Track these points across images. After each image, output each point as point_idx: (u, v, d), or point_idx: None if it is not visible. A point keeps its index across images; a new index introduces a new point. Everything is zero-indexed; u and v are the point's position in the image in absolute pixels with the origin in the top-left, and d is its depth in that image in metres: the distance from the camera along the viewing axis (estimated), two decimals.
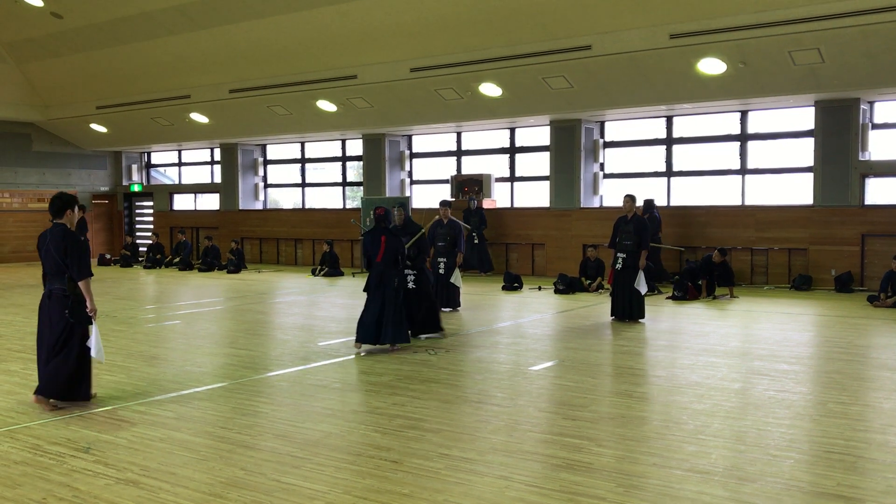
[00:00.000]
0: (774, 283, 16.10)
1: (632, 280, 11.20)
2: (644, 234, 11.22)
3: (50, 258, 6.46)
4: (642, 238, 11.20)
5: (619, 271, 11.36)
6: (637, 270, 11.20)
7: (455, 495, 4.59)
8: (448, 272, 12.36)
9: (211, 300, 14.59)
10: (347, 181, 23.16)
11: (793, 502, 4.47)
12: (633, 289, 11.18)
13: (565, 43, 15.22)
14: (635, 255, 11.25)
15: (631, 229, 11.26)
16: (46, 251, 6.49)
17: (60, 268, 6.46)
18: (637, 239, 11.20)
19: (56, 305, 6.50)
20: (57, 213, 6.59)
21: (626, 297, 11.26)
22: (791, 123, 16.50)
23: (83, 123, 24.59)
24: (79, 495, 4.65)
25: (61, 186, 25.86)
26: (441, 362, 8.61)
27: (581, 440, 5.65)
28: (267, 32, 18.10)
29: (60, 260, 6.42)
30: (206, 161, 26.29)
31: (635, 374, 7.92)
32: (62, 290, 6.48)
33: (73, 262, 6.43)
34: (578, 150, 18.20)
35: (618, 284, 11.40)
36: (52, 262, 6.46)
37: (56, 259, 6.43)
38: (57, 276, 6.49)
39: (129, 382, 7.63)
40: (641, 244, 11.21)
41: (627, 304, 11.27)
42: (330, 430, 5.96)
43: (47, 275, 6.57)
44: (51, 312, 6.52)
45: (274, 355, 9.03)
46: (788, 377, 7.68)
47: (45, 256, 6.51)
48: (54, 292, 6.50)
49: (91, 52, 21.25)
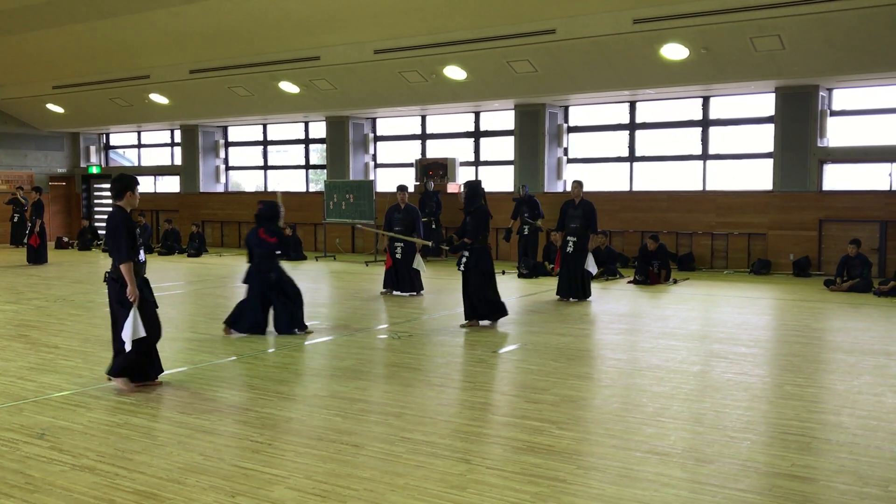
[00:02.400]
0: (734, 267, 16.32)
1: (581, 262, 11.58)
2: (592, 217, 11.68)
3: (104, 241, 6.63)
4: (590, 221, 11.67)
5: (568, 254, 11.77)
6: (586, 252, 11.64)
7: (416, 479, 4.58)
8: (406, 257, 12.33)
9: (171, 284, 14.40)
10: (311, 164, 22.96)
11: (749, 482, 4.53)
12: (584, 270, 11.67)
13: (530, 27, 15.20)
14: (584, 238, 11.69)
15: (579, 213, 11.74)
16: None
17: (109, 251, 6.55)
18: (585, 222, 11.69)
19: (109, 288, 6.55)
20: (117, 195, 6.62)
21: (577, 277, 11.71)
22: (752, 109, 16.70)
23: (39, 104, 24.03)
24: (32, 482, 4.56)
25: (17, 168, 25.31)
26: (404, 347, 8.59)
27: (542, 423, 5.68)
28: (228, 12, 17.78)
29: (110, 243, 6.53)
30: (166, 143, 25.87)
31: (596, 357, 7.98)
32: (110, 273, 6.53)
33: (111, 246, 6.50)
34: (543, 134, 18.23)
35: (566, 266, 11.83)
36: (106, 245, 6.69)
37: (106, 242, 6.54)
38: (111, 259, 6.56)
39: (85, 367, 7.50)
40: (590, 227, 11.68)
41: (578, 284, 11.74)
42: (291, 415, 5.91)
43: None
44: (109, 294, 6.60)
45: (234, 340, 8.93)
46: (747, 360, 7.79)
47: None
48: (108, 275, 6.57)
49: (47, 31, 20.69)
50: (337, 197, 19.32)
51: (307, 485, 4.50)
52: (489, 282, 9.68)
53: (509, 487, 4.45)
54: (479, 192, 9.84)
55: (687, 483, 4.52)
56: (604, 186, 18.30)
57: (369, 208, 18.66)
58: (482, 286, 9.61)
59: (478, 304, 9.64)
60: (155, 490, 4.42)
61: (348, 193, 19.15)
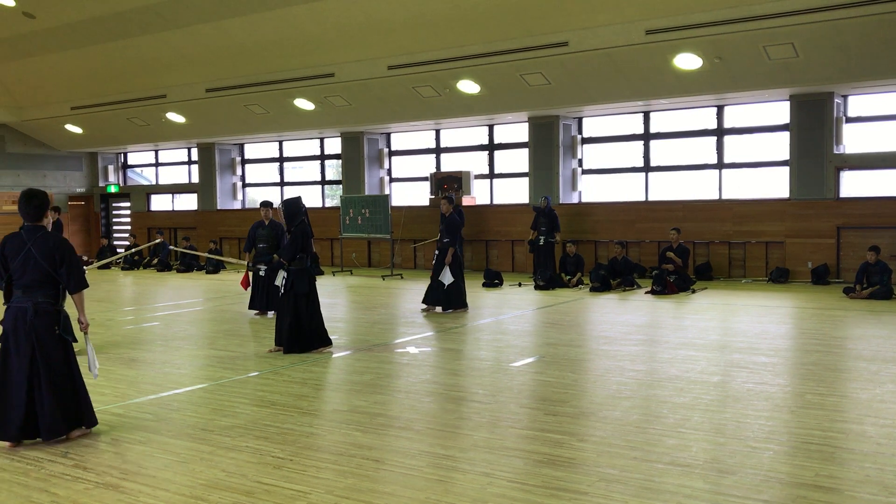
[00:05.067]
0: (752, 276, 16.24)
1: (438, 272, 12.07)
2: (452, 231, 12.12)
3: (35, 267, 5.63)
4: (452, 234, 12.10)
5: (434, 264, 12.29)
6: (443, 264, 12.01)
7: (437, 493, 4.59)
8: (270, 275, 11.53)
9: (190, 301, 14.50)
10: (326, 180, 23.08)
11: (772, 493, 4.51)
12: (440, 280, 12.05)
13: (542, 39, 15.25)
14: (444, 251, 12.09)
15: (442, 228, 12.22)
16: (26, 259, 5.64)
17: (48, 278, 5.67)
18: (450, 236, 12.10)
19: (44, 322, 5.65)
20: (37, 216, 5.77)
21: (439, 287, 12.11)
22: (766, 118, 16.65)
23: (58, 124, 24.32)
24: (57, 500, 4.60)
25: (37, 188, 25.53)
26: (422, 360, 8.60)
27: (562, 435, 5.67)
28: (243, 31, 17.97)
29: (51, 269, 5.65)
30: (183, 161, 26.09)
31: (615, 369, 7.96)
32: (49, 303, 5.68)
33: (72, 273, 5.69)
34: (557, 146, 18.25)
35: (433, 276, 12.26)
36: (38, 271, 5.63)
37: (44, 268, 5.63)
38: (42, 287, 5.66)
39: (107, 385, 7.56)
40: (451, 241, 12.09)
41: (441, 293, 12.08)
42: (311, 430, 5.94)
43: (25, 287, 5.65)
44: (37, 332, 5.63)
45: (253, 356, 8.97)
46: (767, 369, 7.75)
47: (24, 265, 5.65)
48: (41, 307, 5.64)
49: (65, 53, 21.00)
50: (353, 212, 19.42)
51: (329, 500, 4.52)
52: (306, 307, 8.94)
53: (531, 501, 4.44)
54: (299, 209, 9.11)
55: (709, 494, 4.50)
56: (619, 197, 18.30)
57: (385, 223, 18.72)
58: (297, 312, 8.90)
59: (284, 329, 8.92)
60: None
61: (364, 208, 19.23)
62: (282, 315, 9.05)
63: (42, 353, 5.63)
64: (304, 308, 8.97)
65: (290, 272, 8.99)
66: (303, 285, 8.95)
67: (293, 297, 8.96)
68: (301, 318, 8.95)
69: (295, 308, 8.94)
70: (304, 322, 8.97)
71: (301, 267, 9.00)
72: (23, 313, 5.63)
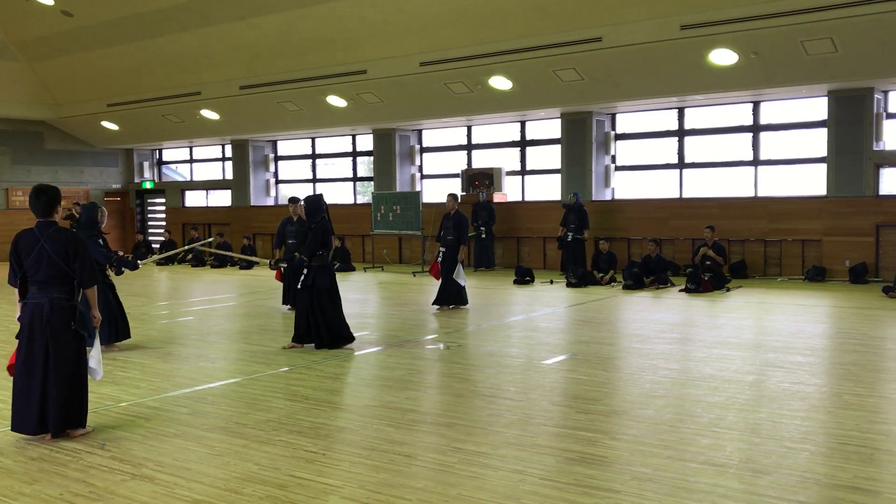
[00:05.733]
0: (788, 274, 16.02)
1: (451, 271, 12.00)
2: (463, 229, 12.17)
3: (48, 263, 5.64)
4: (461, 233, 12.15)
5: (440, 263, 12.23)
6: (455, 262, 12.02)
7: (469, 489, 4.59)
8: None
9: (224, 296, 14.65)
10: (358, 176, 23.17)
11: (809, 495, 4.44)
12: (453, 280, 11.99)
13: (575, 35, 15.17)
14: (455, 249, 12.11)
15: (450, 225, 12.29)
16: (39, 255, 5.63)
17: (63, 274, 5.67)
18: (457, 234, 12.14)
19: (60, 318, 5.67)
20: (47, 211, 5.72)
21: (450, 286, 12.07)
22: (804, 114, 16.41)
23: (94, 121, 24.69)
24: (95, 491, 4.67)
25: (73, 184, 26.01)
26: (453, 357, 8.61)
27: (595, 433, 5.64)
28: (276, 28, 18.11)
29: (64, 265, 5.66)
30: (217, 157, 26.36)
31: (648, 367, 7.89)
32: (65, 298, 5.69)
33: (85, 268, 5.71)
34: (590, 142, 18.14)
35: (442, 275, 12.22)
36: (52, 267, 5.63)
37: (58, 264, 5.63)
38: (57, 283, 5.66)
39: (143, 378, 7.66)
40: (460, 239, 12.13)
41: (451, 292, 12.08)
42: (343, 425, 5.97)
43: (41, 283, 5.65)
44: (53, 327, 5.65)
45: (287, 351, 9.04)
46: (803, 369, 7.64)
47: (37, 261, 5.64)
48: (56, 302, 5.65)
49: (101, 50, 21.33)
50: (384, 208, 19.48)
51: (361, 494, 4.53)
52: (330, 303, 8.99)
53: (563, 499, 4.42)
54: (321, 206, 9.17)
55: (744, 495, 4.44)
56: (653, 194, 18.15)
57: (416, 219, 18.75)
58: (322, 308, 8.95)
59: (315, 327, 8.98)
60: (213, 499, 4.50)
61: (395, 205, 19.29)
62: (301, 311, 9.10)
63: (55, 348, 5.65)
64: (328, 304, 9.01)
65: (311, 268, 9.00)
66: (324, 281, 8.97)
67: (315, 294, 9.01)
68: (327, 314, 8.99)
69: (319, 304, 8.97)
70: (332, 319, 9.01)
71: (322, 263, 9.02)
72: (39, 309, 5.66)
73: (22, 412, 5.69)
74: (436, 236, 12.81)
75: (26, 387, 5.68)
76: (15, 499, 4.57)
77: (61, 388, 5.67)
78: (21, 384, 5.71)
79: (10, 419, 5.76)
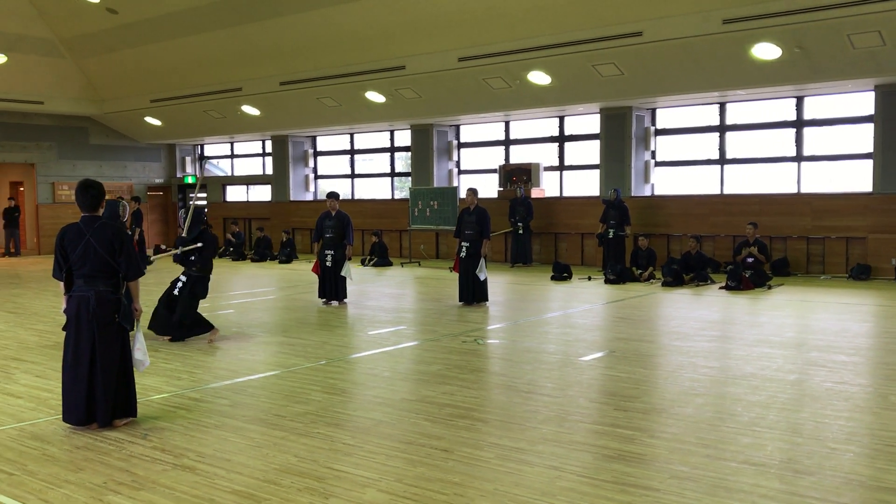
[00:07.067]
0: (831, 272, 15.73)
1: (474, 267, 12.00)
2: (485, 224, 12.14)
3: (95, 257, 5.75)
4: (483, 228, 12.11)
5: (462, 259, 12.16)
6: (479, 258, 12.00)
7: (506, 485, 4.59)
8: (336, 265, 12.32)
9: (263, 290, 14.80)
10: (396, 172, 23.25)
11: (853, 497, 4.36)
12: (475, 275, 11.99)
13: (616, 29, 15.03)
14: (477, 244, 12.10)
15: (473, 220, 12.19)
16: (86, 249, 5.75)
17: (108, 267, 5.78)
18: (479, 229, 12.11)
19: (106, 311, 5.79)
20: (93, 206, 5.88)
21: (471, 282, 12.08)
22: (849, 109, 16.07)
23: (138, 117, 25.10)
24: (137, 480, 4.76)
25: (117, 178, 26.48)
26: (490, 352, 8.61)
27: (633, 431, 5.59)
28: (316, 24, 18.23)
29: (110, 258, 5.77)
30: (257, 153, 26.64)
31: (688, 365, 7.81)
32: (110, 292, 5.81)
33: (131, 261, 5.84)
34: (629, 137, 17.98)
35: (463, 270, 12.20)
36: (98, 260, 5.75)
37: (104, 257, 5.75)
38: (102, 277, 5.77)
39: (184, 370, 7.78)
40: (483, 233, 12.09)
41: (471, 288, 12.10)
42: (381, 419, 6.00)
43: (86, 276, 5.77)
44: (99, 319, 5.76)
45: (325, 344, 9.12)
46: (847, 368, 7.50)
47: (84, 255, 5.75)
48: (102, 295, 5.77)
49: (145, 47, 21.66)
50: (421, 204, 19.53)
51: (398, 488, 4.56)
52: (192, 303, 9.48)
53: (601, 496, 4.40)
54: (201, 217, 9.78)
55: (786, 495, 4.38)
56: (694, 190, 17.94)
57: (453, 214, 18.75)
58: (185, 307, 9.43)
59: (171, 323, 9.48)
60: (252, 490, 4.55)
61: (432, 200, 19.32)
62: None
63: (102, 340, 5.78)
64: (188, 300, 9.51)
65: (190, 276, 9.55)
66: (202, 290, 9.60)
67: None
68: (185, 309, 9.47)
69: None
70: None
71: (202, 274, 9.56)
72: (85, 302, 5.76)
73: (70, 403, 5.82)
74: (454, 232, 12.78)
75: (74, 378, 5.81)
76: (60, 486, 4.68)
77: (108, 379, 5.79)
78: (69, 376, 5.84)
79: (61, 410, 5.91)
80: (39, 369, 7.88)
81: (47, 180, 25.19)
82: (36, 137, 24.85)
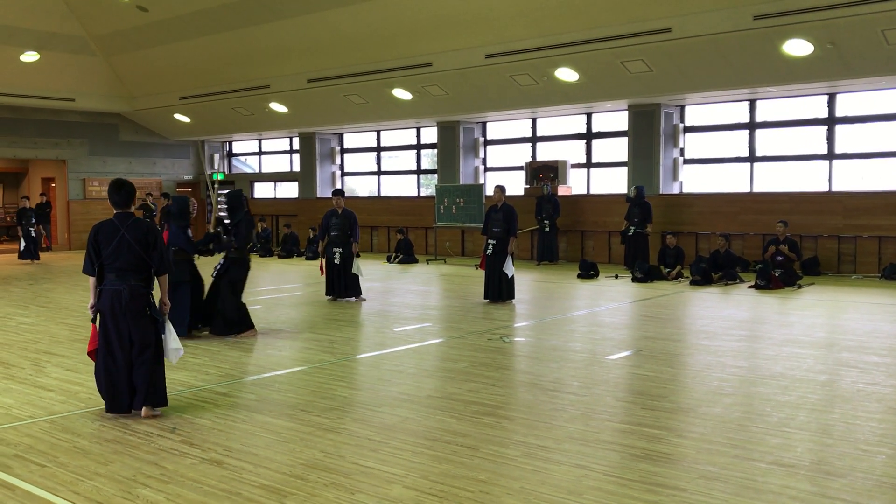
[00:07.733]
0: (863, 272, 15.50)
1: (501, 264, 11.91)
2: (512, 221, 12.00)
3: (128, 252, 5.91)
4: (510, 225, 12.00)
5: (489, 256, 12.07)
6: (506, 255, 11.91)
7: (532, 483, 4.57)
8: (345, 262, 12.35)
9: (290, 286, 14.88)
10: (422, 169, 23.26)
11: (886, 499, 4.29)
12: (502, 272, 11.91)
13: (644, 26, 14.91)
14: (504, 241, 11.98)
15: (500, 217, 12.07)
16: (120, 244, 5.91)
17: (141, 262, 5.96)
18: (506, 226, 12.00)
19: (138, 303, 5.97)
20: (127, 203, 6.07)
21: (496, 279, 12.04)
22: (883, 106, 15.82)
23: (167, 114, 25.34)
24: (166, 473, 4.81)
25: (147, 175, 26.76)
26: (516, 350, 8.58)
27: (660, 430, 5.55)
28: (344, 22, 18.27)
29: (143, 253, 5.95)
30: (285, 150, 26.79)
31: (716, 364, 7.74)
32: (141, 286, 5.98)
33: (163, 257, 6.04)
34: (658, 135, 17.84)
35: (489, 268, 12.13)
36: (131, 255, 5.91)
37: (137, 252, 5.92)
38: (134, 271, 5.95)
39: (212, 365, 7.85)
40: (510, 231, 11.98)
41: (497, 286, 12.04)
42: (406, 415, 6.01)
43: (119, 270, 5.92)
44: (133, 312, 5.95)
45: (351, 341, 9.15)
46: (879, 369, 7.39)
47: (117, 249, 5.91)
48: (134, 289, 5.94)
49: (174, 45, 21.85)
50: (447, 201, 19.52)
51: (424, 485, 4.56)
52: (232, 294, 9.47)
53: (627, 495, 4.37)
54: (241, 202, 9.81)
55: (816, 497, 4.32)
56: (723, 188, 17.77)
57: (479, 212, 18.71)
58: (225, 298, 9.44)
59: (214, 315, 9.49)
60: (279, 485, 4.58)
61: (458, 197, 19.31)
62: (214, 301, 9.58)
63: (137, 331, 5.98)
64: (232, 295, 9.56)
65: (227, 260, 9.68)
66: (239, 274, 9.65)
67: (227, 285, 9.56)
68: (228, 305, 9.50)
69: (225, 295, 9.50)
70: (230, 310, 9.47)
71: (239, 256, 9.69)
72: (118, 295, 5.93)
73: (113, 394, 6.00)
74: (481, 229, 12.74)
75: (113, 370, 5.97)
76: (91, 479, 4.74)
77: (145, 369, 5.97)
78: (107, 368, 5.99)
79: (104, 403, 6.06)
80: (70, 363, 7.99)
81: (78, 177, 25.52)
82: (67, 134, 25.20)
